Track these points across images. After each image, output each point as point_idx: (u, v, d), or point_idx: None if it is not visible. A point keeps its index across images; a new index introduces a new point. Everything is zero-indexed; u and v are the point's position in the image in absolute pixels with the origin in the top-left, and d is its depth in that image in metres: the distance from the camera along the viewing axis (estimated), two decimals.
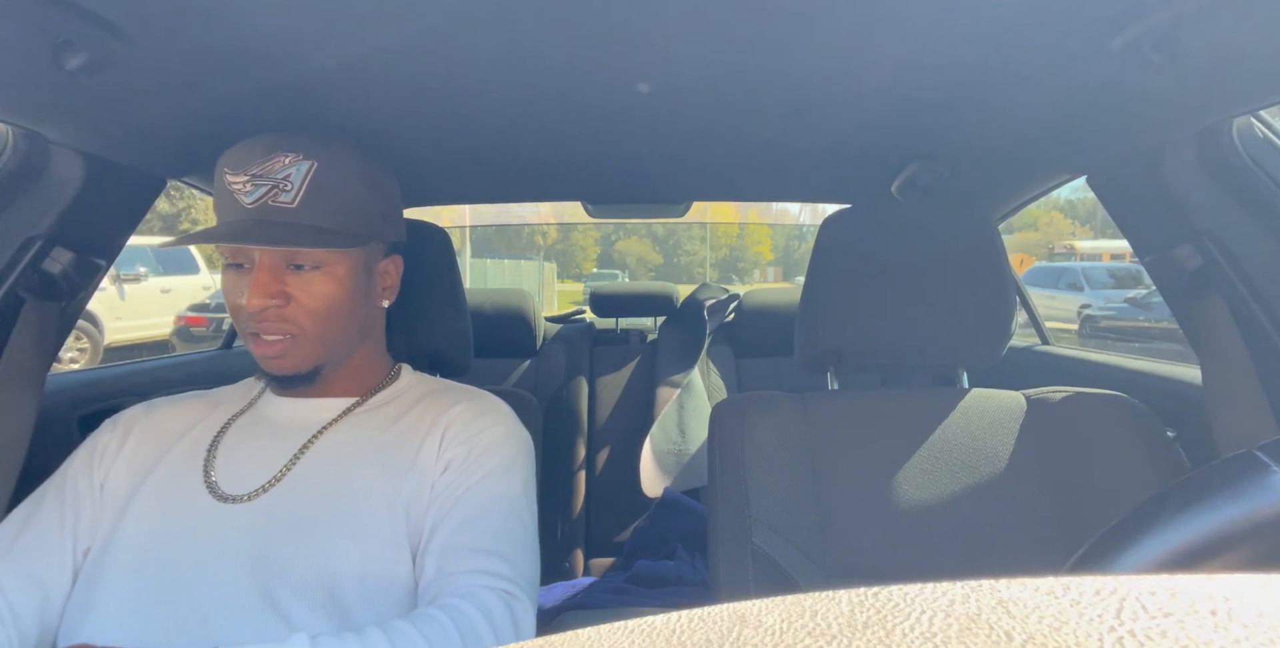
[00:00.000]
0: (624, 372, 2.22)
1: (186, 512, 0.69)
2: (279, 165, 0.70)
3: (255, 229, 0.68)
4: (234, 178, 0.70)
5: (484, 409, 0.81)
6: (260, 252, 0.70)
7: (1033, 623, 0.15)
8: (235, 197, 0.70)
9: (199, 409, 0.80)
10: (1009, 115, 0.98)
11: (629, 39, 0.74)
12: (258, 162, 0.70)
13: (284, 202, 0.69)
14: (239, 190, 0.70)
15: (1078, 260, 13.75)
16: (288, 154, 0.70)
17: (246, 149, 0.71)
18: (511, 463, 0.77)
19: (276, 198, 0.69)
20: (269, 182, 0.69)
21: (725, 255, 41.58)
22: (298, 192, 0.70)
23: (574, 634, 0.18)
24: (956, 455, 0.95)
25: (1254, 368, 0.90)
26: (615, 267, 35.34)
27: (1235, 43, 0.67)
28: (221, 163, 0.72)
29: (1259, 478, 0.38)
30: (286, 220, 0.69)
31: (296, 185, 0.70)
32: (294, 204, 0.70)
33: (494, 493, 0.73)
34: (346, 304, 0.75)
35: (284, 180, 0.70)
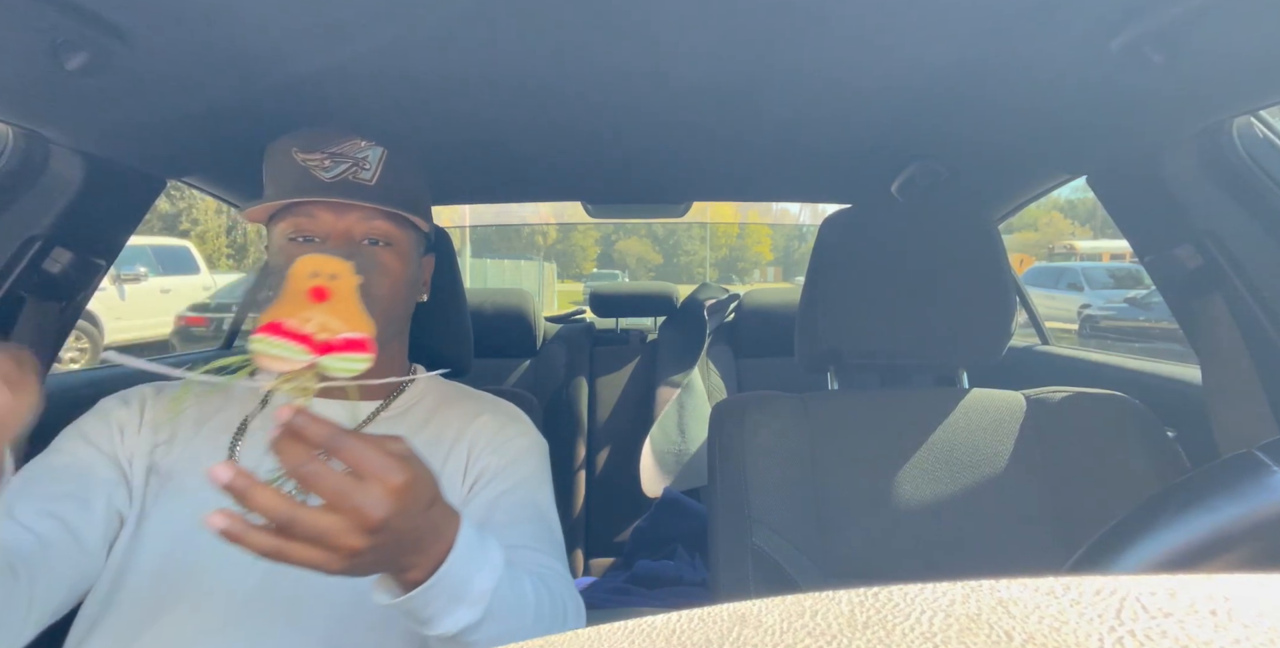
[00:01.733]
0: (624, 372, 2.22)
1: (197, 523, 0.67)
2: (356, 147, 0.73)
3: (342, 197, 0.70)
4: (308, 155, 0.72)
5: (508, 419, 0.81)
6: (340, 222, 0.71)
7: (1033, 623, 0.15)
8: (312, 172, 0.71)
9: (213, 401, 0.77)
10: (1009, 115, 0.98)
11: (629, 39, 0.74)
12: (334, 142, 0.72)
13: (364, 179, 0.72)
14: (316, 166, 0.71)
15: (1078, 260, 13.75)
16: (361, 139, 0.73)
17: (317, 132, 0.74)
18: (537, 472, 0.78)
19: (357, 175, 0.72)
20: (348, 160, 0.72)
21: (725, 255, 41.60)
22: (376, 171, 0.73)
23: (574, 634, 0.18)
24: (956, 456, 0.95)
25: (1254, 368, 0.90)
26: (615, 267, 35.35)
27: (1235, 43, 0.67)
28: (287, 144, 0.74)
29: (1259, 478, 0.38)
30: (367, 196, 0.71)
31: (374, 166, 0.73)
32: (373, 182, 0.73)
33: (524, 501, 0.73)
34: (406, 287, 0.76)
35: (363, 160, 0.72)
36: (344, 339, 0.43)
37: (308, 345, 0.42)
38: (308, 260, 0.45)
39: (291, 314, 0.43)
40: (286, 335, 0.42)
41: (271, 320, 0.43)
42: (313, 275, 0.44)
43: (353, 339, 0.43)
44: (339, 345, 0.43)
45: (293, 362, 0.42)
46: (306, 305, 0.43)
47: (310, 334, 0.43)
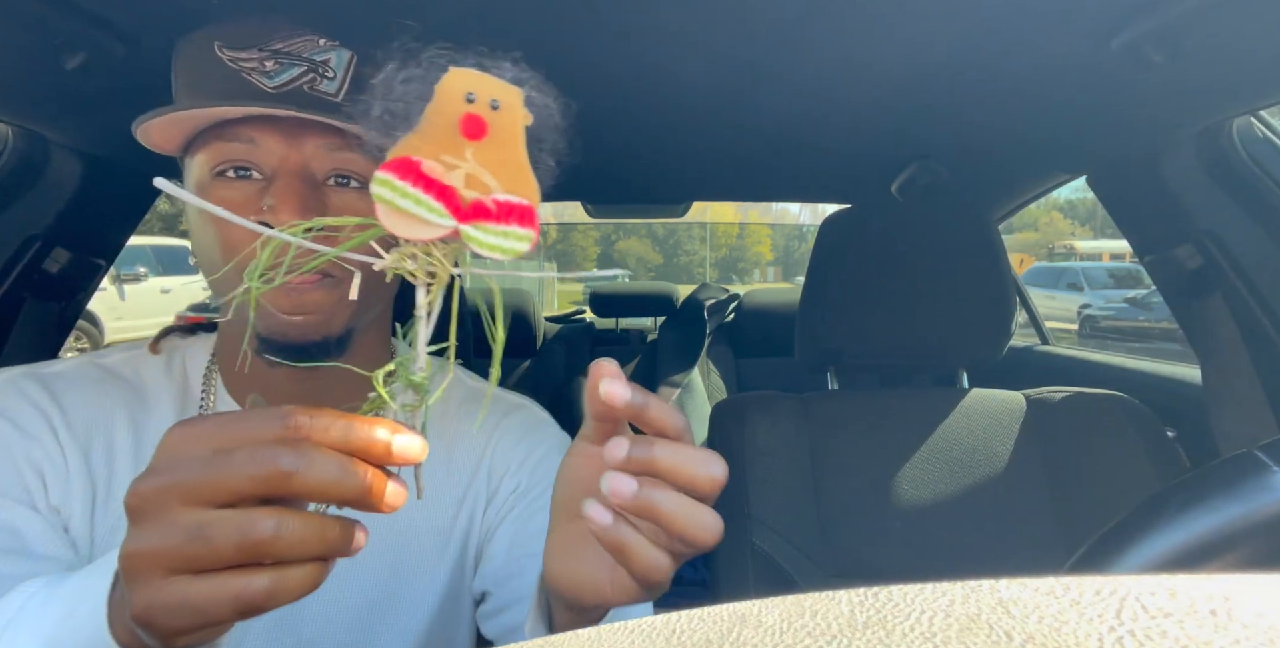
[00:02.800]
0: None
1: None
2: (310, 45, 0.51)
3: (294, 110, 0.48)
4: (239, 53, 0.49)
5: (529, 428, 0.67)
6: (293, 150, 0.50)
7: (1033, 623, 0.15)
8: (247, 76, 0.49)
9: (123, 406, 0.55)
10: (1009, 115, 0.98)
11: (629, 39, 0.74)
12: (278, 37, 0.50)
13: (325, 90, 0.50)
14: (254, 69, 0.49)
15: (1078, 260, 13.75)
16: (319, 35, 0.51)
17: (252, 23, 0.51)
18: None
19: (315, 84, 0.50)
20: (301, 63, 0.50)
21: (725, 255, 41.57)
22: (342, 81, 0.51)
23: (574, 634, 0.18)
24: (956, 455, 0.95)
25: (1254, 368, 0.90)
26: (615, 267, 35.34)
27: (1235, 43, 0.67)
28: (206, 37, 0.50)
29: (1259, 478, 0.38)
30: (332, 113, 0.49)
31: (340, 73, 0.51)
32: (338, 95, 0.51)
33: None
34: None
35: (323, 65, 0.51)
36: (502, 202, 0.29)
37: (449, 204, 0.28)
38: (463, 74, 0.28)
39: (433, 152, 0.28)
40: (424, 183, 0.28)
41: (405, 155, 0.28)
42: (468, 98, 0.28)
43: (514, 204, 0.29)
44: (493, 212, 0.29)
45: (429, 225, 0.28)
46: (455, 140, 0.28)
47: (455, 188, 0.28)
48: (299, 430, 0.28)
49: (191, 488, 0.27)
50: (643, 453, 0.31)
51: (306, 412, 0.28)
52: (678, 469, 0.31)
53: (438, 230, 0.28)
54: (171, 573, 0.27)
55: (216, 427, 0.28)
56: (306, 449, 0.27)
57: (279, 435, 0.28)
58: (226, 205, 0.46)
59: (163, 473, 0.28)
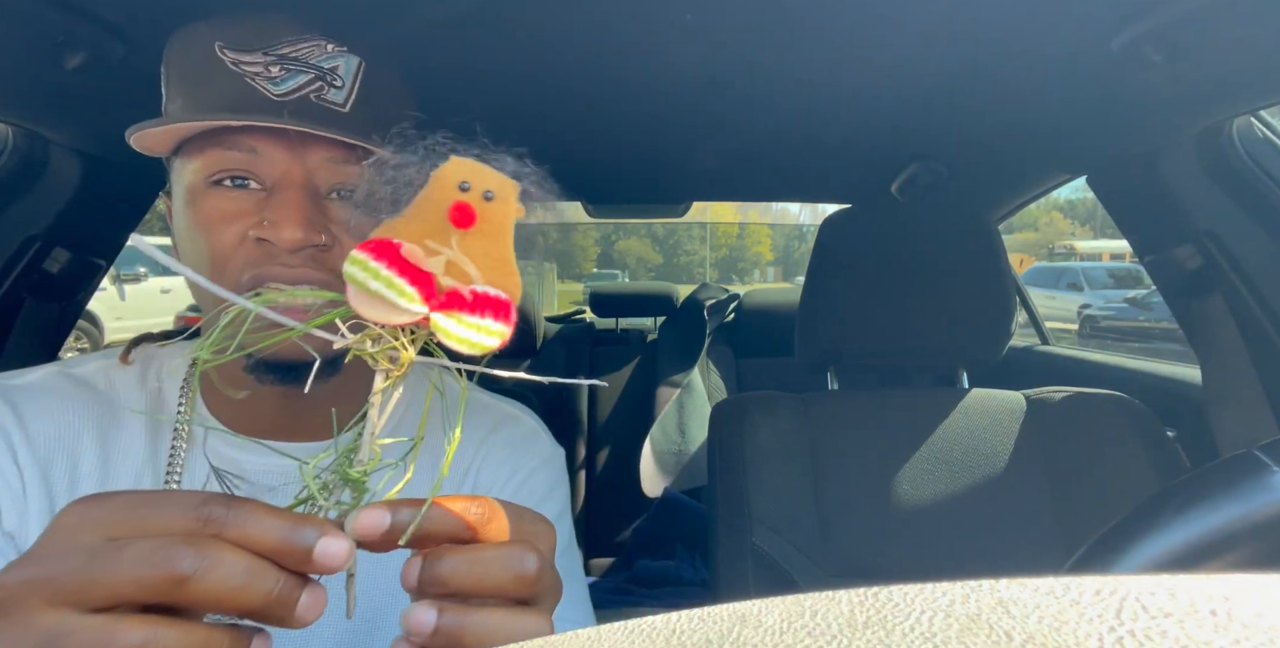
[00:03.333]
0: (624, 372, 2.22)
1: None
2: (319, 51, 0.49)
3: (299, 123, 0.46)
4: (243, 57, 0.47)
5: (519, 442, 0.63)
6: (296, 162, 0.47)
7: (1033, 623, 0.15)
8: (252, 82, 0.47)
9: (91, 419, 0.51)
10: (1009, 115, 0.98)
11: (629, 39, 0.74)
12: (285, 41, 0.48)
13: (332, 100, 0.48)
14: (258, 75, 0.47)
15: (1078, 260, 13.75)
16: (328, 40, 0.49)
17: (257, 24, 0.48)
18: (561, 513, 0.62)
19: (323, 93, 0.48)
20: (309, 70, 0.48)
21: (725, 255, 41.55)
22: (350, 90, 0.49)
23: (574, 634, 0.18)
24: (956, 456, 0.95)
25: (1254, 368, 0.90)
26: (615, 267, 35.32)
27: (1235, 43, 0.67)
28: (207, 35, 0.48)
29: (1259, 478, 0.38)
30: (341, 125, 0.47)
31: (348, 82, 0.49)
32: (345, 107, 0.49)
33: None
34: None
35: (330, 72, 0.49)
36: (480, 294, 0.28)
37: (424, 291, 0.27)
38: (462, 164, 0.28)
39: (418, 236, 0.27)
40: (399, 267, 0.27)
41: (386, 237, 0.27)
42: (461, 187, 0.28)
43: (491, 297, 0.28)
44: (469, 302, 0.28)
45: (399, 310, 0.27)
46: (443, 227, 0.28)
47: (434, 274, 0.27)
48: (210, 524, 0.24)
49: (61, 586, 0.23)
50: (430, 574, 0.27)
51: (224, 502, 0.25)
52: (479, 583, 0.27)
53: (406, 316, 0.27)
54: None
55: (119, 509, 0.25)
56: (213, 550, 0.23)
57: (187, 527, 0.24)
58: (222, 216, 0.46)
59: (38, 562, 0.24)
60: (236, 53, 0.47)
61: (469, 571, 0.27)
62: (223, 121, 0.45)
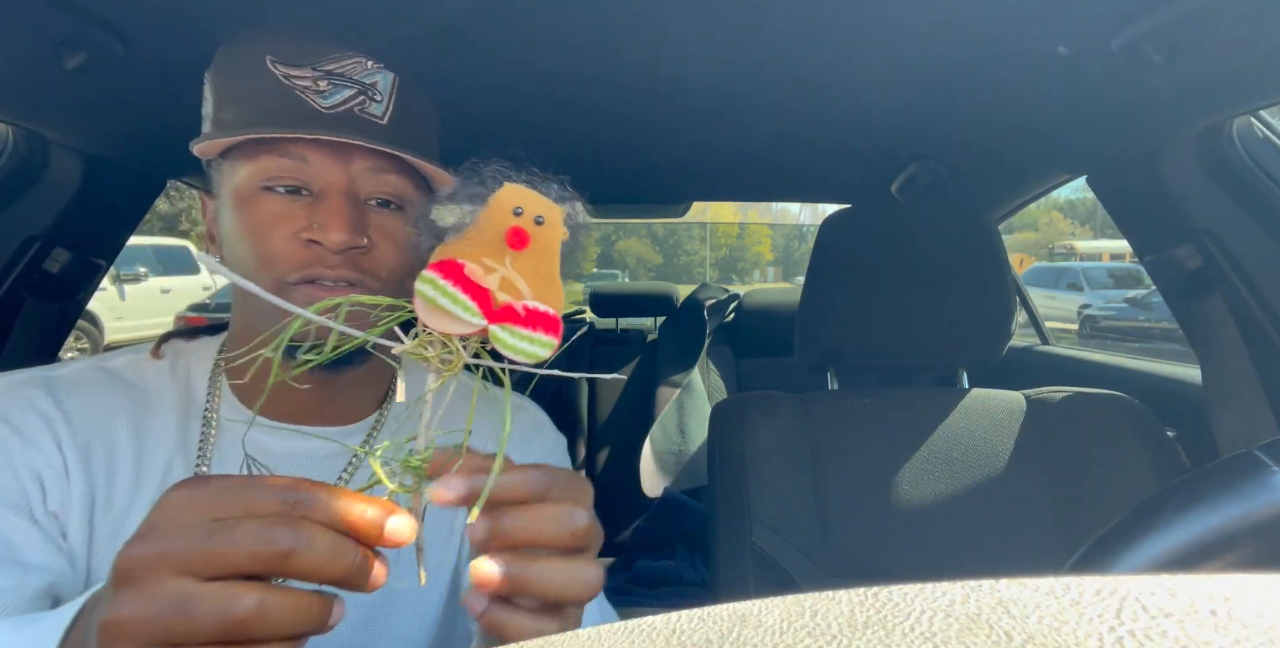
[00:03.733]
0: (624, 372, 2.22)
1: None
2: (360, 67, 0.53)
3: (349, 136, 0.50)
4: (293, 71, 0.51)
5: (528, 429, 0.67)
6: (341, 171, 0.52)
7: (1033, 623, 0.15)
8: (301, 94, 0.51)
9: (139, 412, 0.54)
10: (1009, 115, 0.98)
11: (630, 39, 0.74)
12: (329, 57, 0.52)
13: (373, 113, 0.52)
14: (308, 88, 0.51)
15: (1078, 260, 13.75)
16: (366, 56, 0.54)
17: (304, 39, 0.53)
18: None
19: (365, 107, 0.52)
20: (352, 85, 0.52)
21: (725, 255, 41.56)
22: (388, 104, 0.53)
23: (574, 634, 0.18)
24: (956, 456, 0.95)
25: (1254, 368, 0.90)
26: (615, 266, 35.32)
27: (1235, 43, 0.67)
28: (257, 48, 0.52)
29: (1259, 478, 0.38)
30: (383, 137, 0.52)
31: (385, 96, 0.53)
32: (384, 120, 0.53)
33: None
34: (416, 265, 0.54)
35: (371, 87, 0.53)
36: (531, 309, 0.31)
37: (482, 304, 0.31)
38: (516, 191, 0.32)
39: (476, 256, 0.31)
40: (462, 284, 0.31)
41: (450, 258, 0.31)
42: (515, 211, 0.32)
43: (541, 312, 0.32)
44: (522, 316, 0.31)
45: (460, 321, 0.30)
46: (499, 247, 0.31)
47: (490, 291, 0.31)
48: (299, 506, 0.28)
49: (187, 559, 0.26)
50: (497, 531, 0.31)
51: (307, 486, 0.28)
52: (538, 536, 0.31)
53: (468, 328, 0.31)
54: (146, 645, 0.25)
55: (220, 492, 0.28)
56: (306, 529, 0.27)
57: (280, 509, 0.27)
58: (275, 218, 0.50)
59: (158, 539, 0.27)
60: (287, 67, 0.51)
61: (531, 527, 0.31)
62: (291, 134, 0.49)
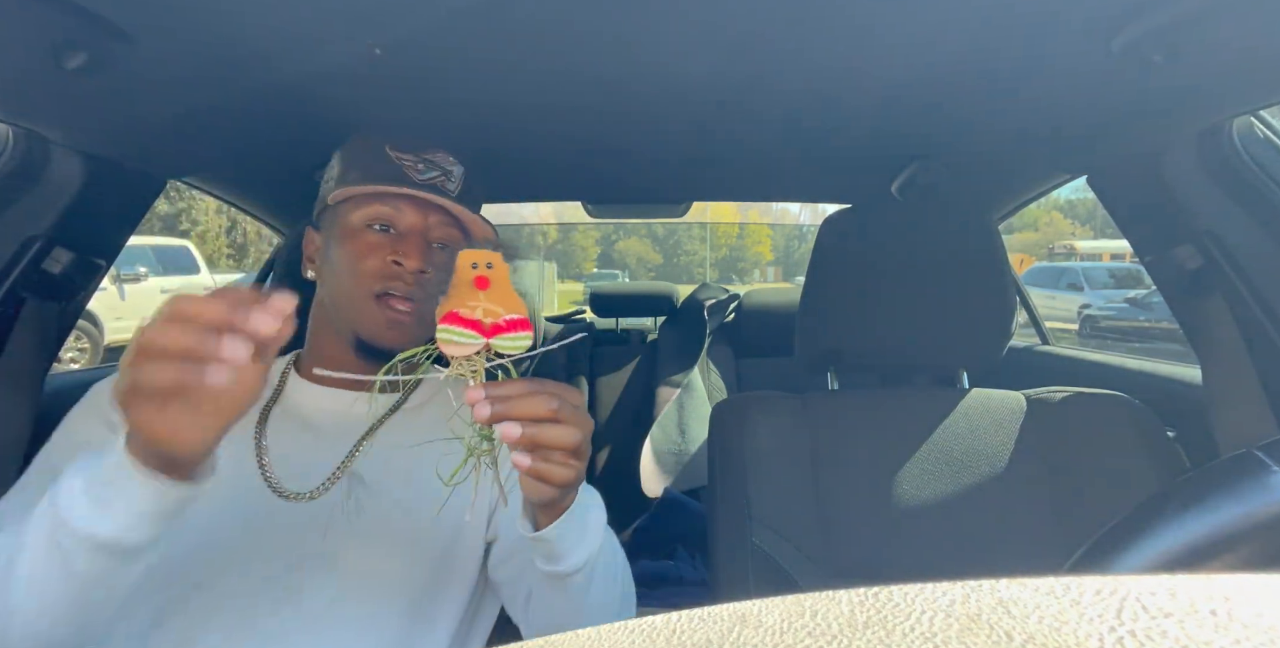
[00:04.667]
0: (624, 372, 2.22)
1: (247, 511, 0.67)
2: (445, 160, 0.77)
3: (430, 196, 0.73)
4: (402, 155, 0.75)
5: None
6: (421, 219, 0.75)
7: (1033, 623, 0.15)
8: (405, 170, 0.74)
9: None
10: (1009, 116, 0.98)
11: (630, 40, 0.74)
12: (426, 149, 0.76)
13: (450, 188, 0.76)
14: (409, 166, 0.74)
15: (1078, 260, 13.75)
16: (449, 153, 0.77)
17: (407, 137, 0.77)
18: None
19: (444, 184, 0.75)
20: (438, 168, 0.76)
21: (725, 255, 41.59)
22: (459, 184, 0.77)
23: (574, 634, 0.18)
24: (957, 456, 0.95)
25: (1254, 368, 0.90)
26: (615, 267, 35.32)
27: (1235, 43, 0.67)
28: (378, 139, 0.76)
29: (1259, 478, 0.38)
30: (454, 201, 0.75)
31: (458, 180, 0.77)
32: (455, 194, 0.76)
33: None
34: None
35: (450, 173, 0.76)
36: (508, 320, 0.48)
37: (479, 330, 0.48)
38: (469, 253, 0.49)
39: (462, 303, 0.48)
40: (462, 323, 0.47)
41: (450, 310, 0.48)
42: (474, 267, 0.48)
43: (514, 320, 0.48)
44: (504, 327, 0.48)
45: (470, 346, 0.48)
46: (473, 294, 0.48)
47: (479, 320, 0.48)
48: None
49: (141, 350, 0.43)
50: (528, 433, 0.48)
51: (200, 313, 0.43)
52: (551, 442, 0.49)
53: (475, 347, 0.48)
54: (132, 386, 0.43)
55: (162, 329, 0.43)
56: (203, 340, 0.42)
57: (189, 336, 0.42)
58: (372, 246, 0.73)
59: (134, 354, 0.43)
60: (398, 152, 0.75)
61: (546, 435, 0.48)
62: (396, 190, 0.73)
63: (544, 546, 0.57)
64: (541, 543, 0.57)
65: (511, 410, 0.48)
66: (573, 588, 0.61)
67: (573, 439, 0.50)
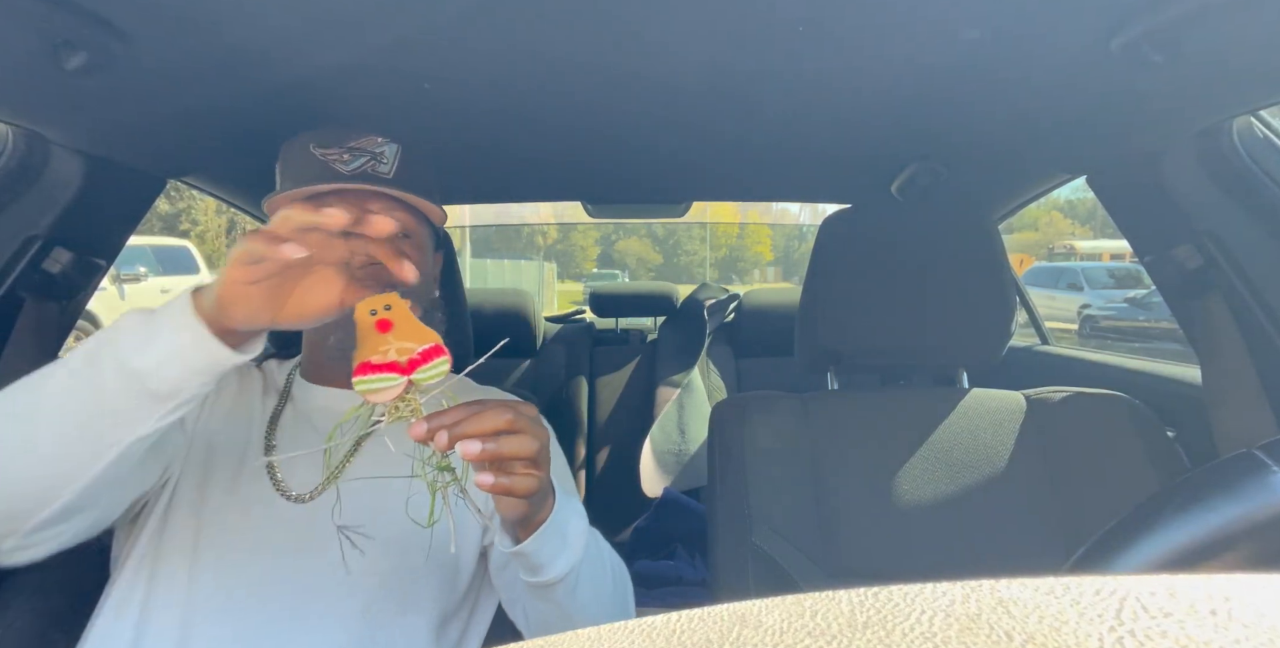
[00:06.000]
0: (624, 372, 2.22)
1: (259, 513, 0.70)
2: (372, 143, 0.76)
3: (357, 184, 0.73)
4: (325, 150, 0.75)
5: None
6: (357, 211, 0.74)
7: (1033, 623, 0.15)
8: (331, 165, 0.74)
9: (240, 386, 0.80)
10: (1009, 115, 0.98)
11: (629, 38, 0.74)
12: (351, 138, 0.76)
13: (382, 171, 0.75)
14: (335, 160, 0.74)
15: (1078, 260, 13.75)
16: (376, 135, 0.77)
17: (333, 130, 0.77)
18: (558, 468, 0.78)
19: (375, 168, 0.75)
20: (366, 154, 0.75)
21: (725, 255, 41.58)
22: (393, 165, 0.76)
23: (574, 634, 0.18)
24: (957, 455, 0.95)
25: (1254, 368, 0.90)
26: (615, 267, 35.32)
27: (1235, 43, 0.67)
28: (303, 140, 0.77)
29: (1259, 478, 0.38)
30: (387, 186, 0.74)
31: (391, 160, 0.76)
32: (390, 175, 0.76)
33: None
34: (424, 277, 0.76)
35: (380, 154, 0.76)
36: (421, 352, 0.50)
37: (396, 371, 0.49)
38: (362, 304, 0.51)
39: (372, 350, 0.50)
40: (377, 369, 0.49)
41: (361, 362, 0.50)
42: (372, 314, 0.51)
43: (428, 350, 0.50)
44: (420, 359, 0.50)
45: (392, 388, 0.49)
46: (380, 339, 0.50)
47: (395, 361, 0.49)
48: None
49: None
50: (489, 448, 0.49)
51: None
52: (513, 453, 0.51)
53: (397, 390, 0.49)
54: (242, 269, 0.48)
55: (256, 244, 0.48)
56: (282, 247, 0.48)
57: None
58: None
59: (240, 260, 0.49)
60: (322, 148, 0.76)
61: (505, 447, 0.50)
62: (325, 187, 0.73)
63: (525, 559, 0.58)
64: (522, 557, 0.58)
65: (468, 428, 0.49)
66: (558, 595, 0.61)
67: (531, 447, 0.51)
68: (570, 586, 0.61)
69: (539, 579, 0.60)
